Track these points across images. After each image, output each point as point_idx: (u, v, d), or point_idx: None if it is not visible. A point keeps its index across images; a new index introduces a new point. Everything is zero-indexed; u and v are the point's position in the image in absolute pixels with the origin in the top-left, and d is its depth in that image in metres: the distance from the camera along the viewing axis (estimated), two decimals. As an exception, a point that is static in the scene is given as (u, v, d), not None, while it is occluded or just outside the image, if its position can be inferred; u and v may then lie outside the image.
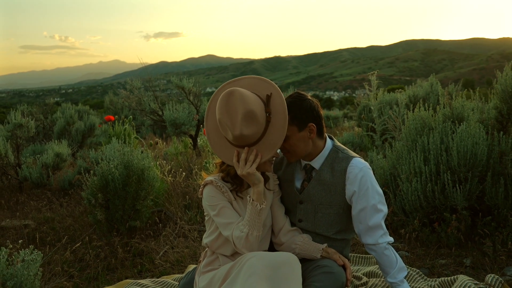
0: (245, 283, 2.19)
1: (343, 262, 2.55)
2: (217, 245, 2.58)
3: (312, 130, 2.59)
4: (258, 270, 2.22)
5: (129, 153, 4.21)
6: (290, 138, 2.57)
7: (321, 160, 2.69)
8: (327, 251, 2.59)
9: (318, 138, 2.67)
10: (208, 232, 2.65)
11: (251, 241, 2.33)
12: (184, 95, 7.48)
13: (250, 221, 2.38)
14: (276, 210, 2.71)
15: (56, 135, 11.06)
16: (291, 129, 2.55)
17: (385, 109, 7.20)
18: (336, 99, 68.36)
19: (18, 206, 5.97)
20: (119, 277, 3.45)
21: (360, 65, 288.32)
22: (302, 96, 2.63)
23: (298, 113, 2.57)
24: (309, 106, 2.60)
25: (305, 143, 2.62)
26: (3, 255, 2.48)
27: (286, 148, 2.62)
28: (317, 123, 2.62)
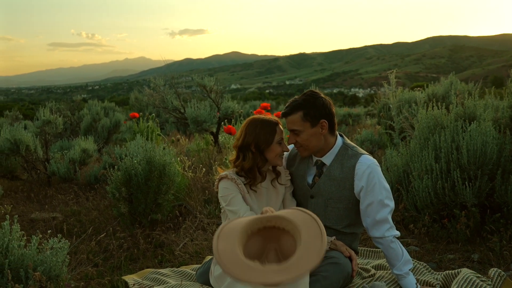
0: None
1: (349, 254, 2.70)
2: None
3: (324, 127, 2.76)
4: (268, 259, 2.37)
5: (151, 149, 4.40)
6: (303, 134, 2.77)
7: (331, 157, 2.85)
8: (335, 243, 2.74)
9: (330, 135, 2.83)
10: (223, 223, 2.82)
11: None
12: (206, 93, 7.67)
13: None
14: (288, 204, 2.89)
15: (83, 131, 11.34)
16: (304, 125, 2.75)
17: (404, 107, 7.26)
18: (361, 96, 67.89)
19: (46, 200, 6.22)
20: (141, 267, 3.64)
21: (386, 62, 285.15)
22: (316, 94, 2.80)
23: (311, 110, 2.75)
24: (322, 103, 2.77)
25: (317, 139, 2.79)
26: (34, 243, 2.68)
27: (299, 142, 2.80)
28: (329, 120, 2.79)
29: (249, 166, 2.75)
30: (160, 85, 7.77)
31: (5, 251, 2.58)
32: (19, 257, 2.59)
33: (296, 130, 2.78)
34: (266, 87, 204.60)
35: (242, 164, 2.77)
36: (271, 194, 2.87)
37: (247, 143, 2.76)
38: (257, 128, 2.75)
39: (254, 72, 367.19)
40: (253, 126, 2.78)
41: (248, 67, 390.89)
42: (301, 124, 2.76)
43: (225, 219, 2.89)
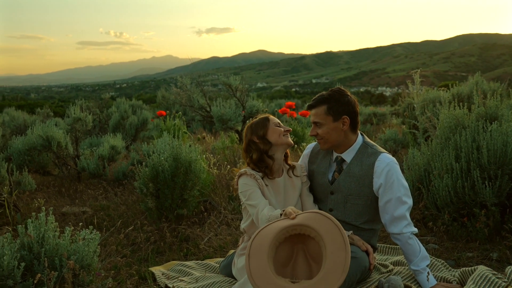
0: (277, 263, 2.46)
1: (366, 248, 2.79)
2: (253, 230, 2.88)
3: (345, 123, 2.89)
4: (289, 253, 2.49)
5: (178, 146, 4.54)
6: (324, 126, 2.92)
7: (351, 154, 2.96)
8: (352, 238, 2.84)
9: (351, 132, 2.95)
10: (244, 218, 2.97)
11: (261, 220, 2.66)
12: (231, 92, 7.80)
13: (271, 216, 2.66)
14: (305, 199, 3.00)
15: (111, 128, 11.58)
16: (326, 118, 2.90)
17: (428, 107, 7.27)
18: (388, 95, 67.22)
19: (77, 194, 6.43)
20: (167, 259, 3.78)
21: (414, 60, 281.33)
22: (342, 91, 2.95)
23: (335, 105, 2.89)
24: (347, 101, 2.91)
25: (337, 133, 2.91)
26: (68, 234, 2.85)
27: (320, 135, 2.95)
28: (351, 118, 2.92)
29: (257, 155, 2.95)
30: (186, 84, 7.93)
31: (41, 240, 2.74)
32: (54, 247, 2.75)
33: (318, 123, 2.93)
34: (292, 85, 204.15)
35: (252, 158, 2.97)
36: (288, 188, 3.00)
37: (249, 139, 3.00)
38: (252, 124, 3.03)
39: (280, 70, 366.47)
40: (248, 125, 3.07)
41: (274, 65, 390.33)
42: (323, 117, 2.91)
43: (245, 215, 3.01)
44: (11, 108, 15.62)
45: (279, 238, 2.43)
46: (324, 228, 2.39)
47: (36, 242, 2.74)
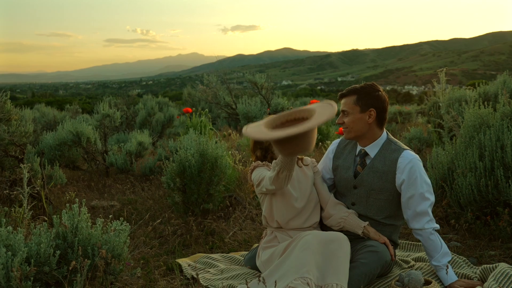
0: (299, 254, 2.56)
1: (384, 241, 2.85)
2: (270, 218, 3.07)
3: (371, 116, 2.97)
4: (311, 245, 2.58)
5: (204, 142, 4.65)
6: (350, 115, 3.01)
7: (376, 149, 3.03)
8: (368, 230, 2.91)
9: (377, 127, 3.03)
10: (263, 209, 3.11)
11: (280, 179, 2.65)
12: (256, 90, 7.89)
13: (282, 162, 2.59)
14: (320, 188, 3.12)
15: (138, 125, 11.79)
16: (354, 108, 2.99)
17: (453, 105, 7.24)
18: (415, 94, 66.39)
19: (105, 189, 6.60)
20: (193, 252, 3.89)
21: (442, 58, 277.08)
22: (375, 86, 3.04)
23: (364, 96, 2.98)
24: (376, 95, 3.00)
25: (362, 125, 3.00)
26: (99, 225, 2.97)
27: (346, 123, 3.04)
28: (378, 112, 3.00)
29: (261, 153, 3.18)
30: (212, 82, 8.04)
31: (75, 230, 2.87)
32: (87, 237, 2.88)
33: (345, 111, 3.03)
34: (318, 83, 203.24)
35: (257, 156, 3.19)
36: (301, 177, 3.13)
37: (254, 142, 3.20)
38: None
39: (306, 68, 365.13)
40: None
41: (299, 63, 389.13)
42: (351, 107, 3.00)
43: (262, 204, 3.15)
44: (41, 104, 15.99)
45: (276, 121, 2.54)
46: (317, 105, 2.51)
47: (70, 231, 2.87)
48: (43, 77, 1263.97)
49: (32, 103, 20.92)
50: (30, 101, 27.12)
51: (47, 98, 33.39)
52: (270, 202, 3.07)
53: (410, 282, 2.64)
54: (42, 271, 2.62)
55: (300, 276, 2.44)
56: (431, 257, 2.95)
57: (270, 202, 3.07)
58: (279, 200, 3.03)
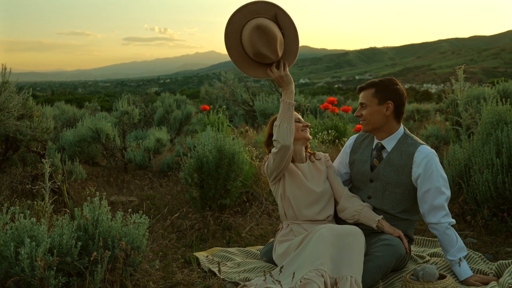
0: (314, 248, 2.60)
1: (398, 234, 2.89)
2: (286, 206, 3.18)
3: (389, 108, 3.02)
4: (326, 238, 2.62)
5: (222, 139, 4.71)
6: (368, 107, 3.07)
7: (392, 143, 3.07)
8: (382, 224, 2.94)
9: (394, 120, 3.08)
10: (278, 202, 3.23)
11: (282, 131, 2.87)
12: (274, 87, 7.93)
13: (281, 115, 2.92)
14: (334, 181, 3.19)
15: (156, 122, 11.92)
16: (372, 100, 3.06)
17: (472, 103, 7.20)
18: (433, 92, 65.68)
19: (124, 184, 6.71)
20: (210, 246, 3.95)
21: (461, 56, 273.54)
22: (393, 80, 3.11)
23: (382, 89, 3.05)
24: (395, 89, 3.06)
25: (379, 117, 3.05)
26: (119, 218, 3.04)
27: (364, 116, 3.09)
28: (396, 105, 3.05)
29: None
30: (230, 79, 8.11)
31: (95, 222, 2.95)
32: (107, 229, 2.95)
33: (364, 104, 3.09)
34: (335, 81, 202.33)
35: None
36: (313, 171, 3.23)
37: (269, 133, 3.28)
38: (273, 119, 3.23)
39: (323, 66, 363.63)
40: (271, 120, 3.31)
41: (317, 61, 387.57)
42: (369, 99, 3.07)
43: (276, 198, 3.20)
44: (61, 102, 16.21)
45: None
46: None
47: (91, 224, 2.94)
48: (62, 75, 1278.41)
49: (52, 100, 21.21)
50: (50, 98, 27.49)
51: (66, 96, 33.80)
52: (283, 188, 3.17)
53: (424, 276, 2.66)
54: (64, 261, 2.69)
55: (315, 268, 2.49)
56: (446, 252, 2.97)
57: (284, 188, 3.16)
58: (293, 184, 3.14)
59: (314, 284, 2.38)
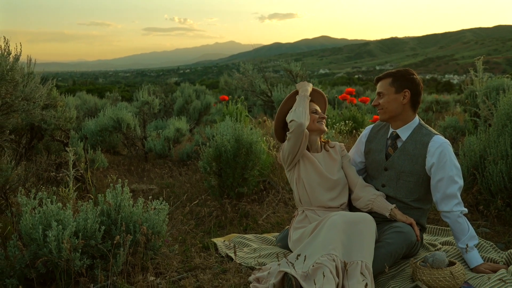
0: (327, 234, 2.70)
1: (410, 222, 2.97)
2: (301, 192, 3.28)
3: (406, 96, 3.11)
4: (338, 225, 2.72)
5: (240, 128, 4.82)
6: (386, 96, 3.17)
7: (407, 132, 3.15)
8: (395, 213, 3.03)
9: (410, 109, 3.17)
10: (293, 189, 3.34)
11: (297, 112, 3.08)
12: (292, 78, 7.99)
13: (297, 103, 3.18)
14: (348, 171, 3.29)
15: (176, 112, 12.06)
16: (389, 89, 3.16)
17: (491, 94, 7.18)
18: (455, 83, 64.75)
19: (144, 173, 6.86)
20: (228, 233, 4.07)
21: (485, 46, 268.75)
22: (410, 71, 3.20)
23: (399, 78, 3.14)
24: (411, 78, 3.15)
25: (396, 105, 3.14)
26: (140, 204, 3.17)
27: (381, 104, 3.19)
28: (413, 94, 3.14)
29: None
30: (249, 70, 8.19)
31: (118, 208, 3.08)
32: (129, 214, 3.09)
33: (381, 93, 3.19)
34: (355, 72, 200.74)
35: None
36: (328, 160, 3.34)
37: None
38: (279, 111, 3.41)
39: (343, 56, 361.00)
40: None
41: (337, 51, 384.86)
42: (386, 88, 3.17)
43: (292, 184, 3.33)
44: (82, 92, 16.46)
45: None
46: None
47: (114, 209, 3.08)
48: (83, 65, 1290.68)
49: (73, 90, 21.53)
50: (72, 88, 27.85)
51: (87, 86, 34.18)
52: (298, 173, 3.27)
53: (434, 262, 2.74)
54: (89, 244, 2.83)
55: (327, 252, 2.59)
56: (457, 240, 3.04)
57: (299, 173, 3.27)
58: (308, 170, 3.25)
59: (326, 268, 2.49)
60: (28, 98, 3.72)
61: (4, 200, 3.88)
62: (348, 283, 2.51)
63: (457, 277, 2.69)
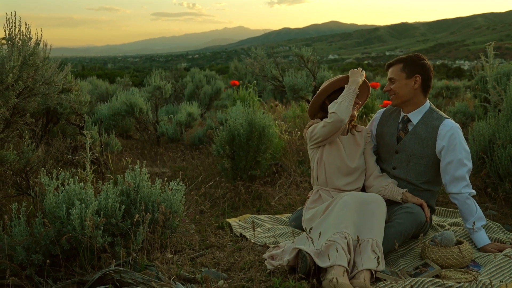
0: (338, 213, 2.81)
1: (420, 202, 3.06)
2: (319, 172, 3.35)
3: (417, 81, 3.21)
4: (350, 205, 2.83)
5: (252, 112, 4.91)
6: (397, 82, 3.24)
7: (418, 116, 3.23)
8: (406, 196, 3.12)
9: (421, 94, 3.25)
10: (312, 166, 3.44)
11: (341, 107, 3.03)
12: (303, 63, 8.04)
13: (344, 95, 3.10)
14: (368, 158, 3.34)
15: (187, 97, 12.16)
16: (400, 75, 3.23)
17: (502, 80, 7.21)
18: (466, 69, 64.14)
19: (157, 157, 6.98)
20: (241, 214, 4.19)
21: (497, 32, 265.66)
22: (420, 56, 3.28)
23: (410, 64, 3.22)
24: (422, 63, 3.22)
25: (407, 90, 3.22)
26: (158, 184, 3.29)
27: (393, 90, 3.26)
28: (424, 79, 3.21)
29: (323, 116, 3.34)
30: (260, 55, 8.25)
31: (137, 188, 3.20)
32: (147, 194, 3.20)
33: (392, 79, 3.26)
34: (365, 58, 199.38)
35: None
36: (351, 144, 3.37)
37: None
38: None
39: (353, 42, 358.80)
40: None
41: (346, 37, 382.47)
42: (398, 74, 3.24)
43: (313, 160, 3.41)
44: (92, 77, 16.57)
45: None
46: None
47: (133, 189, 3.20)
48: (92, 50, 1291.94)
49: (83, 76, 21.64)
50: (81, 74, 27.98)
51: (97, 71, 34.31)
52: (321, 154, 3.32)
53: (442, 241, 2.84)
54: (109, 222, 2.95)
55: (339, 230, 2.70)
56: (465, 221, 3.14)
57: (321, 155, 3.32)
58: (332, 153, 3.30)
59: (338, 245, 2.59)
60: (48, 82, 3.82)
61: (25, 181, 4.02)
62: (360, 259, 2.62)
63: (465, 255, 2.78)
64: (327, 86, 3.32)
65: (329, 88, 3.33)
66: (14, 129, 3.77)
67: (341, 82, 3.29)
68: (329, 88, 3.33)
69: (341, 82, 3.29)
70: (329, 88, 3.33)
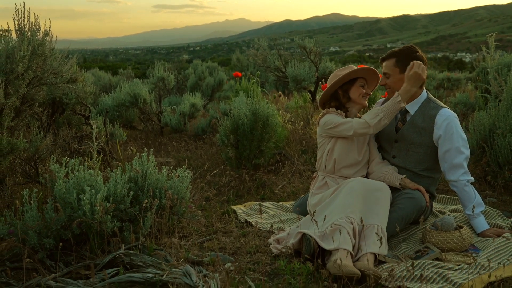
0: (345, 198, 2.89)
1: (417, 187, 3.14)
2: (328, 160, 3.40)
3: None
4: (356, 190, 2.91)
5: (256, 102, 4.98)
6: (392, 77, 3.31)
7: (415, 107, 3.29)
8: (404, 181, 3.21)
9: None
10: (319, 153, 3.49)
11: (380, 124, 3.10)
12: (305, 54, 8.11)
13: (388, 110, 3.10)
14: (372, 146, 3.44)
15: (189, 88, 12.23)
16: (394, 70, 3.29)
17: (502, 71, 7.26)
18: (467, 61, 63.97)
19: (161, 147, 7.06)
20: (246, 201, 4.27)
21: (499, 24, 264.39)
22: (413, 48, 3.31)
23: (403, 58, 3.26)
24: (415, 56, 3.26)
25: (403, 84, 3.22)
26: (165, 172, 3.37)
27: (388, 84, 3.35)
28: None
29: (335, 104, 3.41)
30: (263, 46, 8.32)
31: (144, 175, 3.28)
32: (155, 181, 3.28)
33: (387, 74, 3.33)
34: (366, 50, 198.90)
35: (330, 105, 3.44)
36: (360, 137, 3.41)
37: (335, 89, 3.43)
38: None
39: (354, 34, 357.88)
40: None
41: (348, 29, 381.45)
42: (391, 69, 3.30)
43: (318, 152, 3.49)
44: (95, 69, 16.63)
45: None
46: None
47: (141, 176, 3.27)
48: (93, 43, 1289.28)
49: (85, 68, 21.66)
50: (83, 66, 27.99)
51: (98, 64, 34.31)
52: (333, 146, 3.37)
53: (442, 226, 2.92)
54: (119, 208, 3.03)
55: (345, 215, 2.77)
56: (465, 207, 3.21)
57: (333, 146, 3.37)
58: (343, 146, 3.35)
59: (344, 229, 2.67)
60: (56, 72, 3.90)
61: (34, 169, 4.10)
62: (364, 243, 2.70)
63: (465, 239, 2.87)
64: (343, 77, 3.35)
65: (345, 78, 3.37)
66: (23, 118, 3.85)
67: (356, 74, 3.36)
68: (344, 78, 3.37)
69: (356, 73, 3.36)
70: (345, 78, 3.37)
